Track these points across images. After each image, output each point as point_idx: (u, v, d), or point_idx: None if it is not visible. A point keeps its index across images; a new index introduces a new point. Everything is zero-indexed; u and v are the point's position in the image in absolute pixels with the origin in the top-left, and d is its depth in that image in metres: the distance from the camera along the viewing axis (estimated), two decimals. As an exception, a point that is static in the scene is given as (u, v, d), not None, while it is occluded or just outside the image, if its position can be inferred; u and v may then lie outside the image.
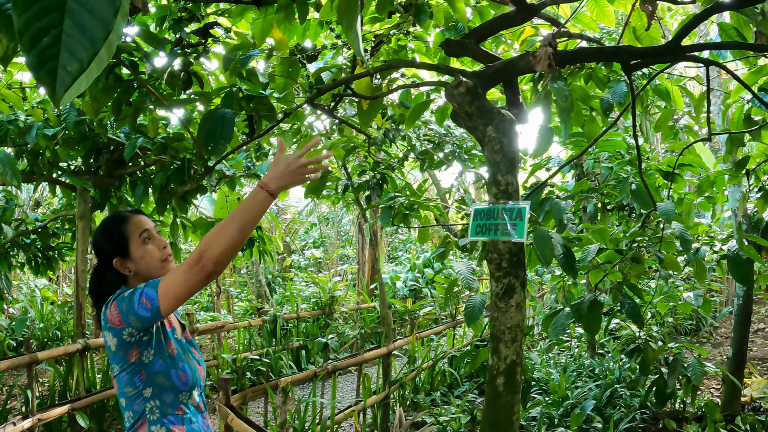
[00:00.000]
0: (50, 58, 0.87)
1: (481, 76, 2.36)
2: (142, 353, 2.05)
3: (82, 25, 0.89)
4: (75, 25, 0.89)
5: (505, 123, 2.24)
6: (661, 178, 5.55)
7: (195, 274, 1.85)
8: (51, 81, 0.87)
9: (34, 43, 0.88)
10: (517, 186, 2.29)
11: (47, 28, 0.89)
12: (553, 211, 4.16)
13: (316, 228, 21.07)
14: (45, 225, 7.99)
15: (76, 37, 0.89)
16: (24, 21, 0.88)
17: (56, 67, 0.87)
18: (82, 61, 0.89)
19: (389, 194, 4.31)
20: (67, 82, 0.88)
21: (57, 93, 0.87)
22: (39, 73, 0.88)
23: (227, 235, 1.82)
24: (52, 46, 0.88)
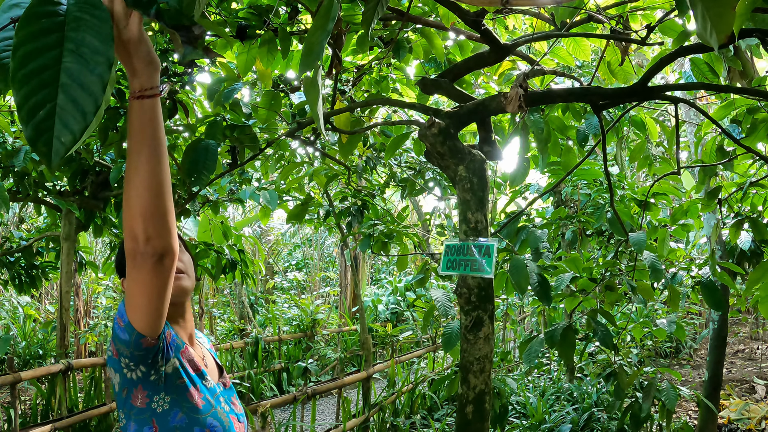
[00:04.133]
0: (46, 130, 0.96)
1: (454, 116, 2.46)
2: (152, 398, 1.67)
3: (75, 100, 0.98)
4: (68, 100, 0.98)
5: (475, 163, 2.35)
6: (636, 206, 5.68)
7: (141, 268, 1.42)
8: (47, 151, 0.95)
9: (31, 117, 0.96)
10: (486, 224, 2.39)
11: (43, 103, 0.97)
12: (529, 240, 4.27)
13: (299, 250, 21.08)
14: (30, 244, 8.00)
15: (69, 111, 0.98)
16: (22, 96, 0.97)
17: (52, 139, 0.95)
18: (75, 133, 0.97)
19: (370, 221, 4.40)
20: (62, 152, 0.96)
21: (53, 162, 0.96)
22: (36, 144, 0.96)
23: (137, 195, 1.36)
24: (47, 119, 0.97)
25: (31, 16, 1.04)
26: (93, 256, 13.44)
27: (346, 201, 5.04)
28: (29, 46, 1.01)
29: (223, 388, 1.89)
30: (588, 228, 6.53)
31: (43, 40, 1.03)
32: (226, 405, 1.82)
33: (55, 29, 1.05)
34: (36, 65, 1.00)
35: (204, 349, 1.97)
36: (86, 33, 1.06)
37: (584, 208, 6.46)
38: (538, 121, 3.72)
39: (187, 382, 1.73)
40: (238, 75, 3.22)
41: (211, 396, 1.78)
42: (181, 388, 1.71)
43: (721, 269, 4.65)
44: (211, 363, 1.94)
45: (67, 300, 7.16)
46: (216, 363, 1.98)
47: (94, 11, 1.09)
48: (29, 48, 1.01)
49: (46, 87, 0.99)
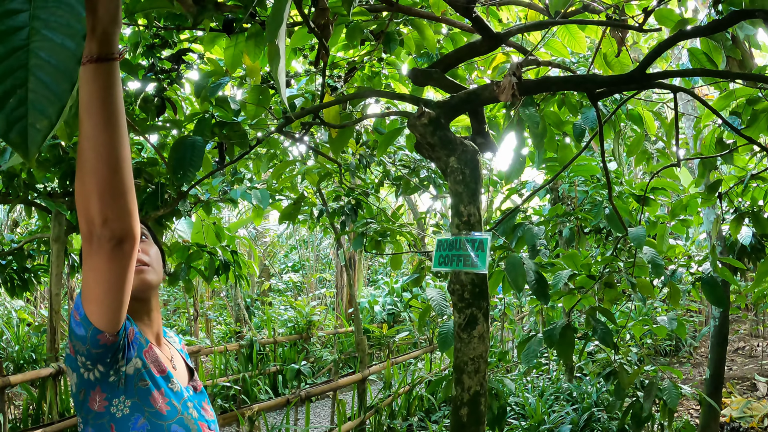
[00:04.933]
0: (18, 118, 0.87)
1: (445, 106, 2.38)
2: (111, 401, 1.53)
3: (47, 80, 0.89)
4: (39, 82, 0.88)
5: (467, 154, 2.26)
6: (635, 202, 5.61)
7: (98, 254, 1.26)
8: (22, 141, 0.86)
9: (1, 106, 0.87)
10: (479, 217, 2.30)
11: (12, 89, 0.88)
12: (525, 237, 4.19)
13: (295, 251, 21.00)
14: (21, 247, 7.93)
15: (42, 93, 0.88)
16: None
17: (26, 127, 0.86)
18: (51, 116, 0.88)
19: (363, 220, 4.32)
20: (38, 140, 0.87)
21: (30, 152, 0.86)
22: (9, 135, 0.86)
23: (92, 171, 1.19)
24: (18, 107, 0.87)
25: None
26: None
27: (339, 200, 4.96)
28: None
29: (193, 392, 1.73)
30: (586, 225, 6.47)
31: (9, 21, 0.93)
32: (195, 411, 1.65)
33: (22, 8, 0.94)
34: (2, 50, 0.90)
35: (173, 350, 1.82)
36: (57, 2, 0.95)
37: (582, 205, 6.39)
38: (534, 115, 3.64)
39: (150, 384, 1.57)
40: (227, 71, 3.14)
41: (178, 401, 1.61)
42: (143, 391, 1.55)
43: (722, 265, 4.57)
44: (180, 365, 1.78)
45: (58, 303, 7.08)
46: (186, 365, 1.83)
47: None
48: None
49: (14, 71, 0.89)
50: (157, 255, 1.79)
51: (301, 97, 3.24)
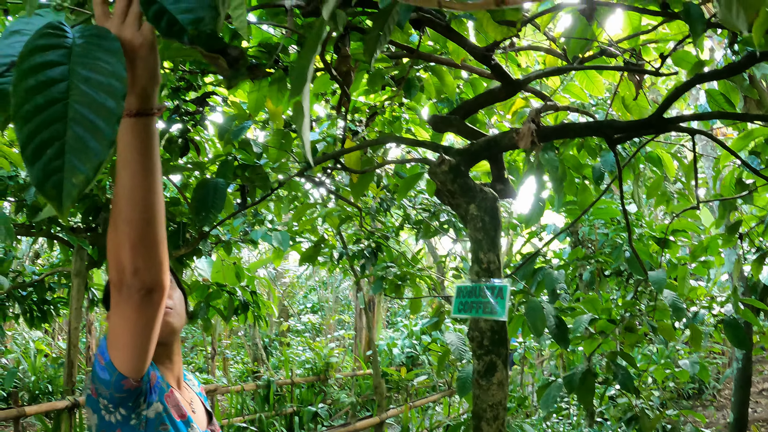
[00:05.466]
0: (55, 171, 0.86)
1: (465, 153, 2.41)
2: None
3: (85, 136, 0.89)
4: (78, 136, 0.88)
5: (487, 201, 2.28)
6: (655, 244, 5.57)
7: (127, 303, 1.27)
8: (57, 195, 0.86)
9: (37, 157, 0.87)
10: (499, 264, 2.31)
11: (50, 141, 0.88)
12: (545, 281, 4.18)
13: (314, 292, 20.94)
14: (42, 279, 8.02)
15: (80, 148, 0.88)
16: (26, 134, 0.88)
17: (62, 180, 0.86)
18: (88, 173, 0.87)
19: (383, 263, 4.34)
20: (74, 194, 0.86)
21: (64, 206, 0.86)
22: (44, 187, 0.86)
23: (125, 221, 1.20)
24: (56, 159, 0.87)
25: (33, 48, 0.97)
26: (107, 294, 13.45)
27: (360, 243, 4.98)
28: (32, 80, 0.93)
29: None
30: (606, 268, 6.43)
31: (47, 72, 0.94)
32: None
33: (60, 61, 0.97)
34: (41, 100, 0.91)
35: (192, 393, 1.84)
36: (96, 62, 0.98)
37: (602, 248, 6.36)
38: (553, 159, 3.66)
39: (170, 428, 1.60)
40: (250, 114, 3.20)
41: None
42: None
43: (744, 306, 4.53)
44: (199, 408, 1.80)
45: (76, 337, 7.12)
46: (205, 408, 1.84)
47: (102, 42, 1.02)
48: (32, 82, 0.92)
49: (52, 123, 0.89)
50: (181, 298, 1.82)
51: (323, 142, 3.29)
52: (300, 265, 4.99)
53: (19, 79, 0.93)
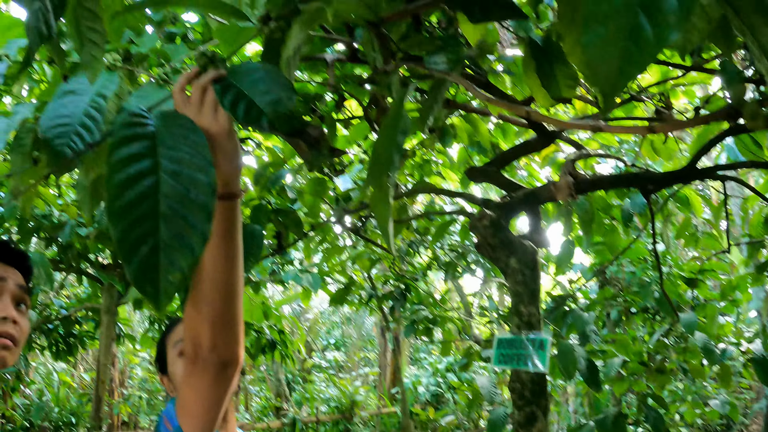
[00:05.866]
0: (151, 268, 0.86)
1: (505, 207, 2.45)
2: None
3: (179, 233, 0.89)
4: (171, 233, 0.89)
5: (527, 255, 2.32)
6: (684, 284, 5.55)
7: (202, 376, 1.28)
8: (154, 292, 0.86)
9: (133, 254, 0.87)
10: (539, 316, 2.33)
11: (144, 237, 0.88)
12: (575, 324, 4.18)
13: (338, 328, 20.79)
14: (70, 315, 8.10)
15: (174, 245, 0.88)
16: (121, 231, 0.88)
17: (158, 278, 0.86)
18: (184, 270, 0.87)
19: (413, 305, 4.36)
20: (171, 292, 0.86)
21: (161, 304, 0.86)
22: (142, 284, 0.86)
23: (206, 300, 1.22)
24: (151, 256, 0.87)
25: (120, 140, 0.98)
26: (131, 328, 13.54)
27: (388, 283, 5.01)
28: (122, 174, 0.93)
29: None
30: (634, 307, 6.40)
31: (135, 166, 0.94)
32: None
33: (147, 153, 0.97)
34: (132, 195, 0.91)
35: None
36: (182, 154, 0.98)
37: (629, 286, 6.34)
38: (583, 203, 3.69)
39: None
40: (284, 160, 3.26)
41: None
42: None
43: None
44: None
45: (105, 373, 7.18)
46: None
47: (185, 132, 1.03)
48: (122, 177, 0.93)
49: (146, 219, 0.90)
50: None
51: (356, 190, 3.34)
52: (330, 306, 5.02)
53: (110, 173, 0.94)
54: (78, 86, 1.75)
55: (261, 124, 1.04)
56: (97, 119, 1.68)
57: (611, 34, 0.49)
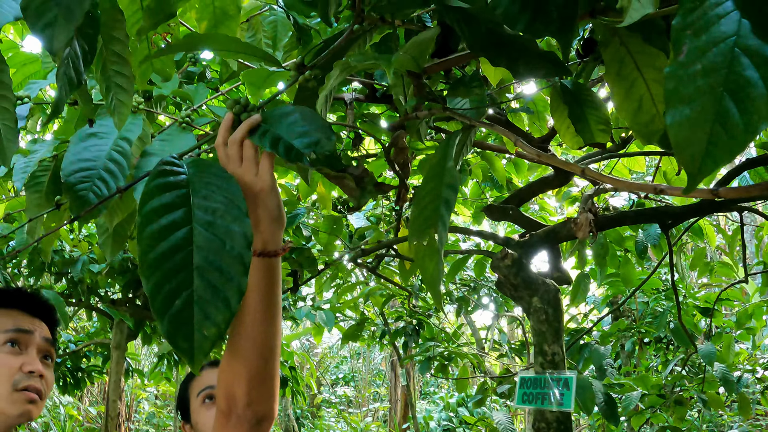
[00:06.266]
0: (185, 322, 0.84)
1: (525, 245, 2.44)
2: None
3: (214, 285, 0.87)
4: (206, 286, 0.86)
5: (549, 293, 2.30)
6: (699, 314, 5.52)
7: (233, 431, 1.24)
8: (188, 348, 0.83)
9: (166, 307, 0.85)
10: (563, 355, 2.31)
11: (178, 290, 0.86)
12: (592, 358, 4.14)
13: (347, 362, 20.60)
14: (78, 350, 8.06)
15: (209, 299, 0.86)
16: (154, 283, 0.86)
17: (192, 332, 0.84)
18: (219, 324, 0.85)
19: (426, 342, 4.33)
20: (206, 348, 0.83)
21: (196, 360, 0.83)
22: (175, 339, 0.84)
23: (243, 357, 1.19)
24: (185, 309, 0.85)
25: (152, 189, 0.96)
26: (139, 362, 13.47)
27: (401, 320, 4.97)
28: (155, 225, 0.91)
29: None
30: (648, 337, 6.35)
31: (169, 216, 0.92)
32: None
33: (180, 203, 0.95)
34: (166, 247, 0.89)
35: None
36: (216, 204, 0.95)
37: (642, 317, 6.29)
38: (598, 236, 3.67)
39: None
40: (299, 197, 3.26)
41: None
42: None
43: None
44: None
45: (114, 409, 7.11)
46: None
47: (219, 180, 1.00)
48: (155, 228, 0.91)
49: (179, 272, 0.87)
50: None
51: (371, 228, 3.33)
52: (343, 344, 4.98)
53: (142, 224, 0.91)
54: (101, 129, 1.74)
55: (303, 163, 1.03)
56: (121, 164, 1.66)
57: (697, 115, 0.49)
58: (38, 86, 2.14)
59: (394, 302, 5.49)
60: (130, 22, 1.58)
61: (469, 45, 0.98)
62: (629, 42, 0.92)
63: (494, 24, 0.89)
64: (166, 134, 1.90)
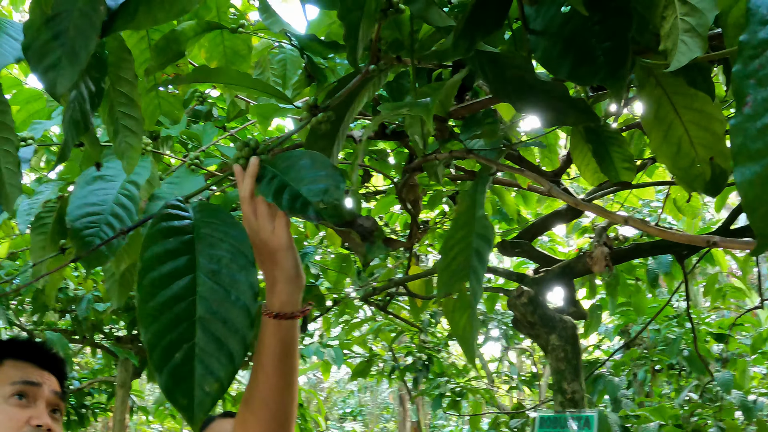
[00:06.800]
0: (185, 377, 0.79)
1: (541, 282, 2.40)
2: None
3: (217, 338, 0.82)
4: (209, 339, 0.81)
5: (567, 330, 2.25)
6: (713, 340, 5.46)
7: None
8: (188, 404, 0.78)
9: (165, 361, 0.79)
10: (583, 393, 2.25)
11: (178, 343, 0.80)
12: (607, 389, 4.07)
13: (353, 396, 20.34)
14: (82, 388, 8.00)
15: (212, 352, 0.81)
16: (152, 334, 0.81)
17: (193, 388, 0.79)
18: (222, 380, 0.80)
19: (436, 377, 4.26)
20: (207, 405, 0.78)
21: (195, 418, 0.78)
22: (174, 395, 0.79)
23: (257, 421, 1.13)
24: (185, 363, 0.79)
25: (155, 233, 0.91)
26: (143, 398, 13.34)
27: (410, 355, 4.90)
28: (156, 273, 0.86)
29: None
30: (659, 364, 6.28)
31: (171, 264, 0.87)
32: None
33: (184, 250, 0.89)
34: (167, 295, 0.84)
35: None
36: (221, 252, 0.90)
37: (654, 344, 6.22)
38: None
39: None
40: (306, 235, 3.22)
41: None
42: None
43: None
44: None
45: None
46: None
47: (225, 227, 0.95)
48: (156, 275, 0.86)
49: (180, 323, 0.82)
50: None
51: (381, 267, 3.28)
52: (351, 380, 4.91)
53: (143, 271, 0.86)
54: (108, 171, 1.69)
55: (308, 215, 0.97)
56: (129, 208, 1.62)
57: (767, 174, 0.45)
58: (43, 127, 2.11)
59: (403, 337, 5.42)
60: (139, 61, 1.55)
61: (493, 90, 0.94)
62: (665, 82, 0.88)
63: (521, 69, 0.85)
64: (175, 177, 1.87)
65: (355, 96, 1.20)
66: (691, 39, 0.69)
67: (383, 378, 6.01)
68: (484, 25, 0.76)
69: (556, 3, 0.80)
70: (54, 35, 0.90)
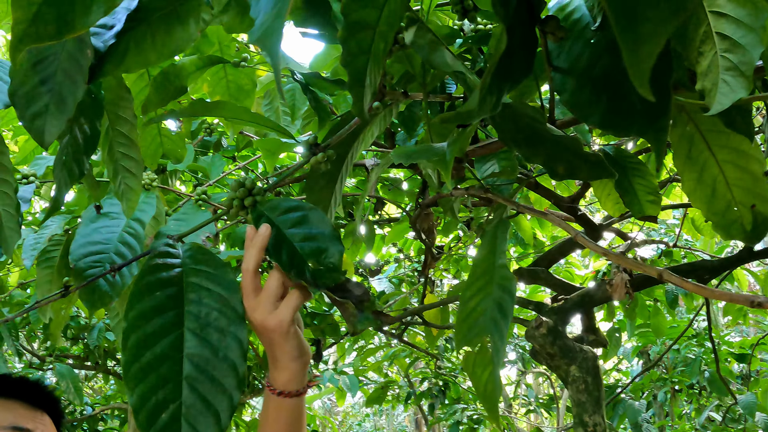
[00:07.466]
0: None
1: (560, 312, 2.32)
2: None
3: (204, 397, 0.80)
4: (196, 398, 0.79)
5: (588, 361, 2.17)
6: (735, 360, 5.36)
7: None
8: None
9: (152, 422, 0.77)
10: (605, 425, 2.17)
11: (165, 403, 0.78)
12: (627, 414, 3.97)
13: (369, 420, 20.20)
14: (95, 414, 7.99)
15: (199, 411, 0.79)
16: (139, 395, 0.79)
17: None
18: None
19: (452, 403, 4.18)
20: None
21: None
22: None
23: None
24: (172, 424, 0.77)
25: (141, 289, 0.86)
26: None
27: (426, 381, 4.83)
28: (141, 332, 0.82)
29: None
30: (679, 385, 6.17)
31: (157, 320, 0.83)
32: None
33: (171, 305, 0.85)
34: (152, 356, 0.81)
35: None
36: (210, 305, 0.86)
37: (674, 365, 6.12)
38: (627, 288, 3.54)
39: None
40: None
41: None
42: None
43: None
44: None
45: (132, 474, 6.96)
46: None
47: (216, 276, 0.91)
48: (141, 334, 0.82)
49: (167, 383, 0.79)
50: None
51: (396, 295, 3.23)
52: (366, 407, 4.84)
53: (128, 331, 0.83)
54: (112, 209, 1.65)
55: (304, 276, 0.90)
56: (134, 247, 1.58)
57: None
58: (45, 162, 2.07)
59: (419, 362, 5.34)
60: (139, 99, 1.51)
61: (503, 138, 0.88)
62: (698, 119, 0.82)
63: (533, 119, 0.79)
64: (182, 213, 1.82)
65: (358, 134, 1.15)
66: (734, 78, 0.62)
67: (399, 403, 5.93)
68: (512, 75, 0.69)
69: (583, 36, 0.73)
70: (41, 80, 0.86)
